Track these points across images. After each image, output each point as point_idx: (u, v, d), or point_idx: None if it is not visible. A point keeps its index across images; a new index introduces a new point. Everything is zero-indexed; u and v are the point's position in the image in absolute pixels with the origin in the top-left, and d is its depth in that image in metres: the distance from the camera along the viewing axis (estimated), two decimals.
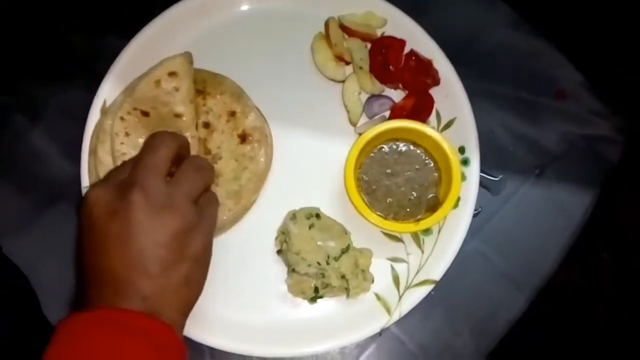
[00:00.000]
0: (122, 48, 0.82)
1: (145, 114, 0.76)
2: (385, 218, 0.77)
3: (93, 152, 0.78)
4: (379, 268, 0.78)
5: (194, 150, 0.76)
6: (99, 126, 0.79)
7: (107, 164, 0.76)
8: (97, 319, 0.57)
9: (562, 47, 0.87)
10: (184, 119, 0.77)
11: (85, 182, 0.78)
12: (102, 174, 0.76)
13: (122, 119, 0.75)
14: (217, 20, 0.86)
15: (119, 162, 0.73)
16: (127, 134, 0.75)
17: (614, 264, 0.82)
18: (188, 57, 0.80)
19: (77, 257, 0.79)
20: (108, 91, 0.81)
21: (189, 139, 0.76)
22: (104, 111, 0.80)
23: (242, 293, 0.77)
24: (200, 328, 0.75)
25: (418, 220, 0.76)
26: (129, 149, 0.74)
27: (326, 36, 0.85)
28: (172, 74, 0.78)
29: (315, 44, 0.85)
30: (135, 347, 0.55)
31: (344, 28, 0.85)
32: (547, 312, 0.79)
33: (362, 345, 0.78)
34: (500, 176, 0.83)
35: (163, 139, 0.67)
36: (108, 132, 0.77)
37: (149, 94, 0.77)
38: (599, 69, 0.87)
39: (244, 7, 0.86)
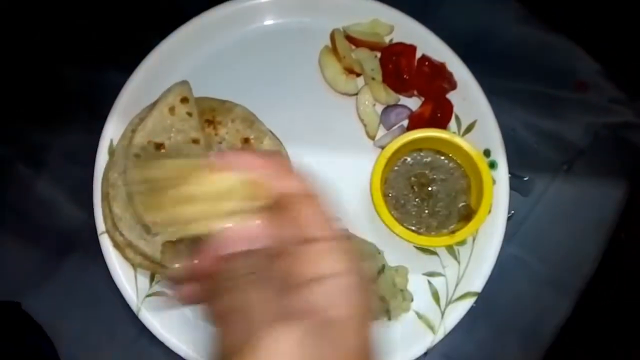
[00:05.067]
0: (121, 82, 0.79)
1: (159, 146, 0.73)
2: (418, 232, 0.74)
3: (105, 197, 0.74)
4: (416, 285, 0.75)
5: None
6: (106, 177, 0.75)
7: (126, 220, 0.72)
8: None
9: (575, 37, 0.85)
10: (201, 144, 0.74)
11: (101, 229, 0.74)
12: (125, 231, 0.72)
13: (136, 155, 0.72)
14: (218, 45, 0.82)
15: (140, 208, 0.69)
16: None
17: None
18: (188, 84, 0.78)
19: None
20: (113, 129, 0.77)
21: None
22: (111, 152, 0.76)
23: None
24: None
25: (452, 231, 0.73)
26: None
27: (333, 49, 0.82)
28: (183, 100, 0.75)
29: (322, 59, 0.82)
30: None
31: (350, 39, 0.82)
32: (595, 313, 0.76)
33: None
34: (528, 176, 0.80)
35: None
36: (117, 185, 0.73)
37: (164, 122, 0.74)
38: (615, 55, 0.84)
39: (243, 29, 0.83)
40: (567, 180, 0.80)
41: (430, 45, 0.81)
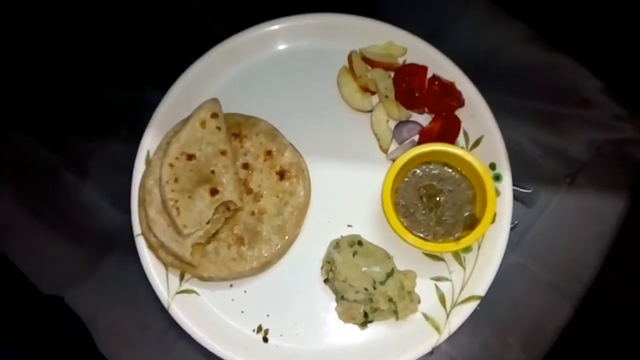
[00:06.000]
0: (159, 97, 0.87)
1: (191, 157, 0.81)
2: (425, 239, 0.79)
3: (142, 202, 0.82)
4: (424, 288, 0.80)
5: (236, 189, 0.80)
6: (143, 184, 0.83)
7: (160, 223, 0.80)
8: None
9: (579, 56, 0.89)
10: (228, 155, 0.82)
11: (137, 231, 0.82)
12: (158, 233, 0.79)
13: (170, 165, 0.80)
14: (245, 66, 0.90)
15: (173, 212, 0.77)
16: (176, 180, 0.79)
17: None
18: (218, 101, 0.86)
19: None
20: (150, 141, 0.86)
21: (232, 176, 0.80)
22: (148, 162, 0.84)
23: (294, 324, 0.80)
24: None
25: (457, 238, 0.79)
26: (179, 195, 0.78)
27: (350, 69, 0.89)
28: (214, 115, 0.83)
29: (340, 78, 0.89)
30: None
31: (366, 60, 0.88)
32: (595, 316, 0.80)
33: None
34: (533, 188, 0.85)
35: None
36: (153, 192, 0.81)
37: (196, 135, 0.82)
38: (618, 74, 0.88)
39: (269, 51, 0.91)
40: (570, 192, 0.85)
41: (440, 65, 0.87)
